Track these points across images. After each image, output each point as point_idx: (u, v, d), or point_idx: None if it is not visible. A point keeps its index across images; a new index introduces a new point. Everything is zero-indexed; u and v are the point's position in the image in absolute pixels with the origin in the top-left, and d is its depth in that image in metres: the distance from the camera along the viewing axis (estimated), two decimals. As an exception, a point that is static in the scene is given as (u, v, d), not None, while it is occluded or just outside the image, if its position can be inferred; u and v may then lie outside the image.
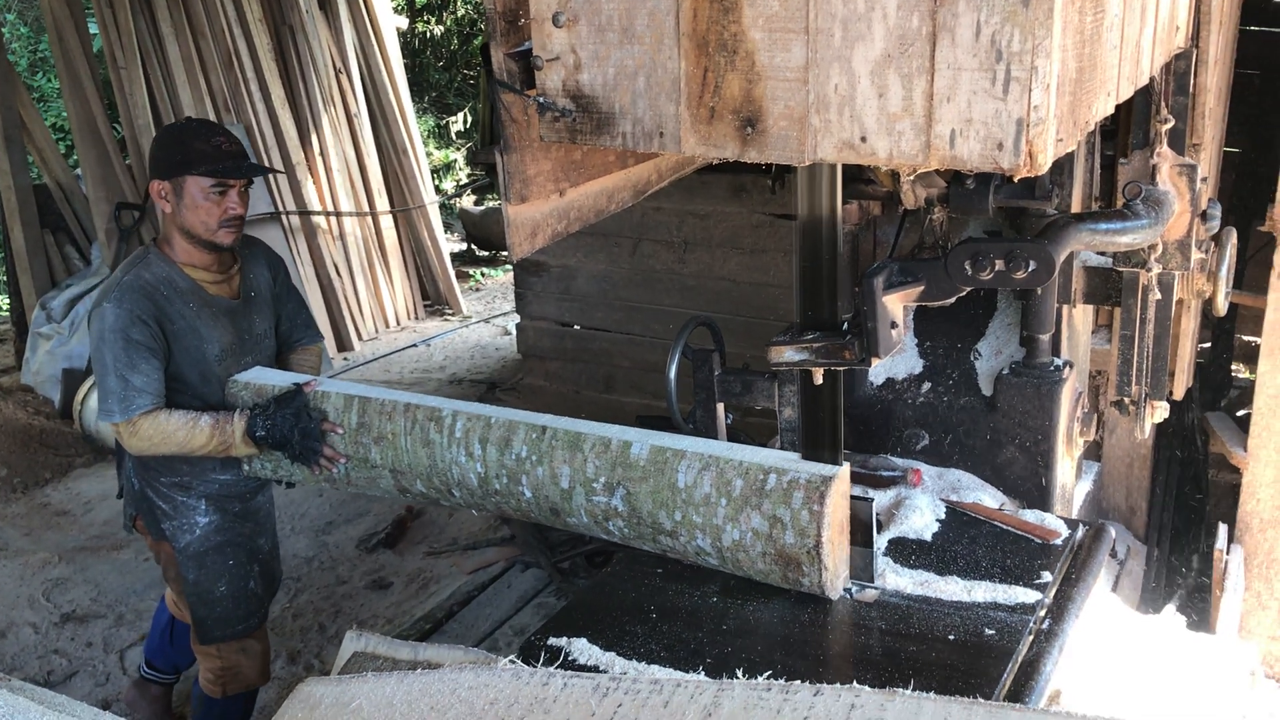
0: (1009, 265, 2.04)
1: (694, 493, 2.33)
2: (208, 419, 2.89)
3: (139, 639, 4.40)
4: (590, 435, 2.49)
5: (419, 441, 2.70)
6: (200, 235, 2.92)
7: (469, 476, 2.64)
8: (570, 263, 5.22)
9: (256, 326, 3.13)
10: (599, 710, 1.75)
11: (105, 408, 2.86)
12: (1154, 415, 2.78)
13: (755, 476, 2.28)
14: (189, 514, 3.10)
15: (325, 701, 1.98)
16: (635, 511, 2.42)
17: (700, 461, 2.35)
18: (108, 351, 2.82)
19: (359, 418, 2.80)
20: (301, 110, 7.61)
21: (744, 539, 2.29)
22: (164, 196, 2.90)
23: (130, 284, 2.88)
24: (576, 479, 2.48)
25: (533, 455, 2.54)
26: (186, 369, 2.96)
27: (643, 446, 2.42)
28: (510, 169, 1.86)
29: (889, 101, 1.52)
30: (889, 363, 2.77)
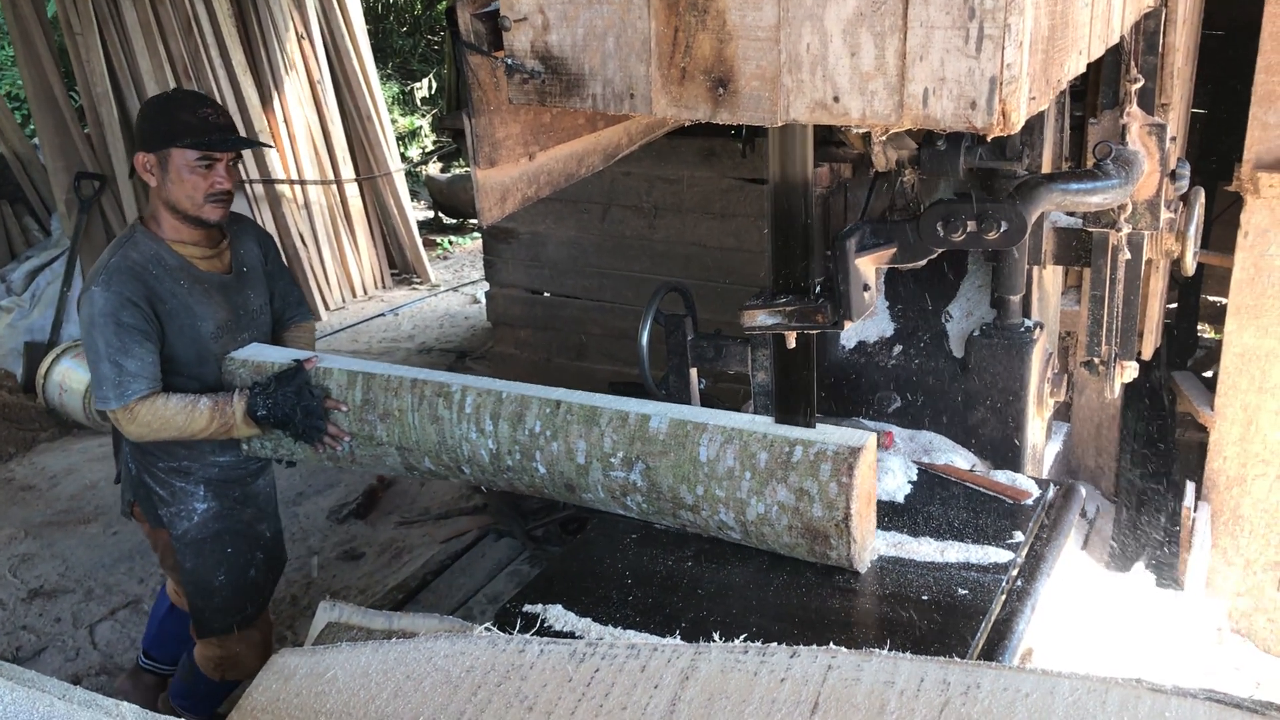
0: (981, 226, 2.04)
1: (716, 466, 2.30)
2: (207, 401, 2.82)
3: (108, 613, 4.37)
4: (607, 409, 2.45)
5: (427, 418, 2.65)
6: (186, 210, 2.82)
7: (480, 453, 2.59)
8: (540, 229, 5.19)
9: (251, 302, 3.04)
10: (576, 676, 1.75)
11: (100, 394, 2.79)
12: (1123, 375, 2.79)
13: (780, 449, 2.24)
14: (187, 500, 3.02)
15: (300, 672, 1.96)
16: (655, 486, 2.38)
17: (723, 434, 2.31)
18: (99, 337, 2.74)
19: (363, 394, 2.74)
20: (264, 77, 7.49)
21: (769, 513, 2.26)
22: (149, 170, 2.81)
23: (118, 266, 2.78)
24: (593, 454, 2.44)
25: (547, 430, 2.49)
26: (181, 349, 2.88)
27: (662, 420, 2.38)
28: (478, 132, 1.83)
29: (861, 60, 1.51)
30: (861, 326, 2.77)
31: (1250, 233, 3.42)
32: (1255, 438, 3.58)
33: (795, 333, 2.22)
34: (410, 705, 1.78)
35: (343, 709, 1.83)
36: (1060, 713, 1.47)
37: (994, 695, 1.52)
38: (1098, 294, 2.65)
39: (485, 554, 4.56)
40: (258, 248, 3.12)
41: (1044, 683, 1.52)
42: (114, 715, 1.47)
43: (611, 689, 1.70)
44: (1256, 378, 3.52)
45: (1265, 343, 3.47)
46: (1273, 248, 3.38)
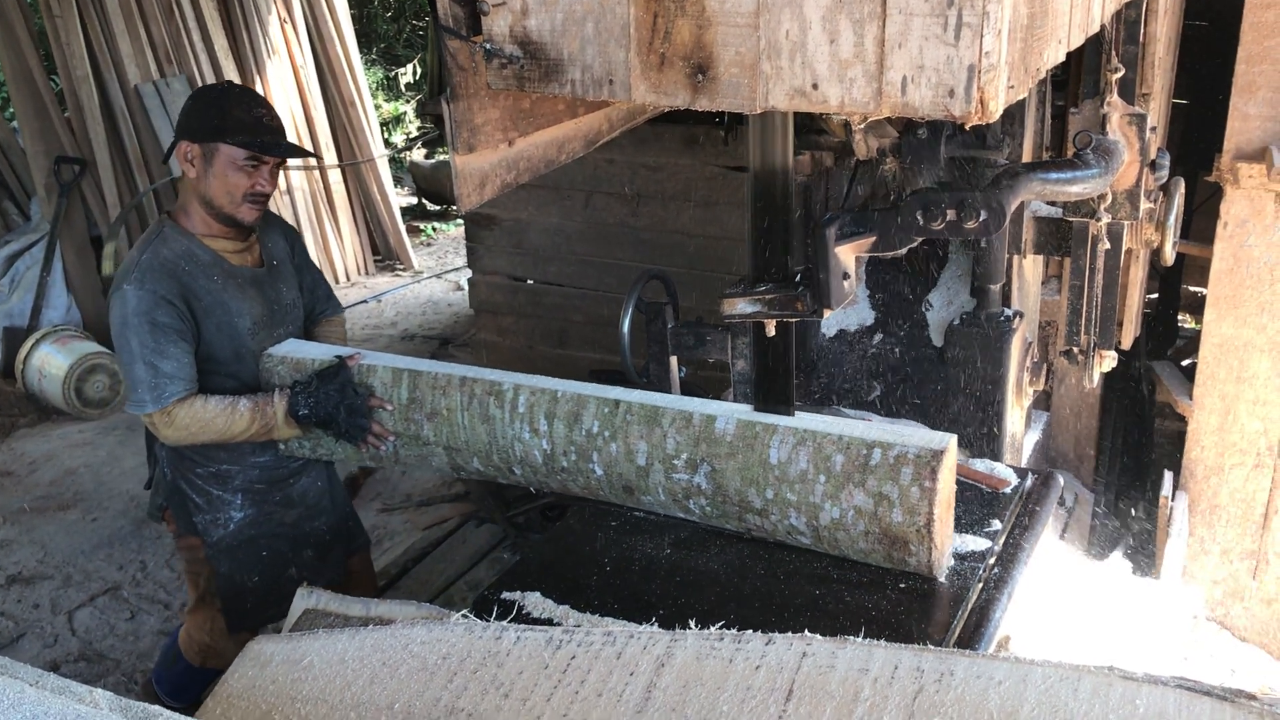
0: (960, 215, 2.03)
1: (788, 469, 2.22)
2: (246, 401, 2.74)
3: (87, 600, 4.36)
4: (669, 409, 2.37)
5: (477, 417, 2.56)
6: (222, 206, 2.74)
7: (533, 454, 2.51)
8: (522, 216, 5.17)
9: (285, 296, 2.96)
10: (552, 663, 1.75)
11: (135, 398, 2.69)
12: (1102, 365, 2.81)
13: (857, 451, 2.17)
14: (223, 508, 2.94)
15: (276, 659, 1.96)
16: (721, 490, 2.31)
17: (794, 436, 2.23)
18: (133, 338, 2.64)
19: (409, 392, 2.66)
20: (246, 62, 7.44)
21: (844, 518, 2.19)
22: (190, 160, 2.72)
23: (149, 263, 2.69)
24: (655, 455, 2.36)
25: (605, 431, 2.40)
26: (219, 347, 2.79)
27: (728, 421, 2.30)
28: (457, 118, 1.82)
29: (840, 48, 1.50)
30: (841, 314, 2.77)
31: (1229, 223, 3.43)
32: (1233, 427, 3.61)
33: (775, 321, 2.22)
34: (386, 692, 1.78)
35: (319, 695, 1.82)
36: (1032, 700, 1.47)
37: (967, 683, 1.52)
38: (1077, 283, 2.65)
39: (466, 541, 4.56)
40: (284, 241, 3.04)
41: (1017, 670, 1.52)
42: (87, 702, 1.47)
43: (588, 675, 1.71)
44: (1235, 368, 3.54)
45: (1243, 333, 3.49)
46: (1252, 238, 3.39)
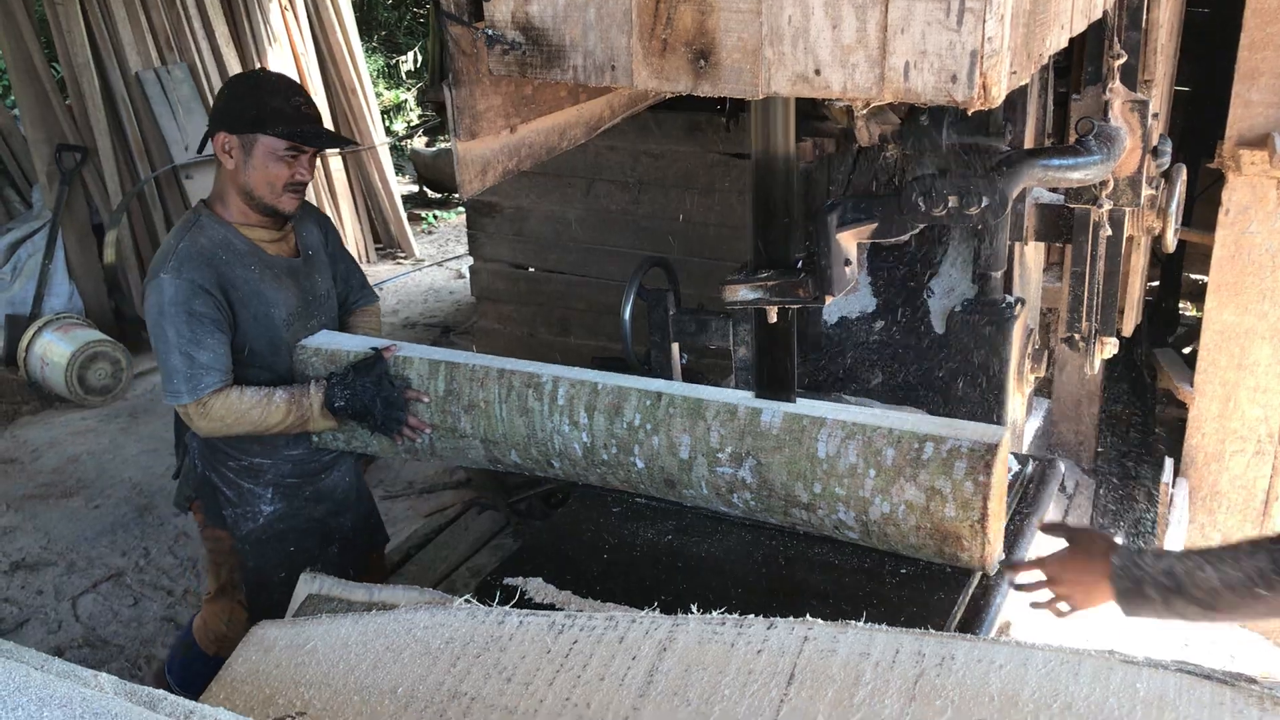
0: (962, 201, 2.04)
1: (837, 463, 2.18)
2: (282, 393, 2.70)
3: (91, 586, 4.37)
4: (713, 402, 2.33)
5: (515, 410, 2.52)
6: (263, 197, 2.71)
7: (573, 446, 2.47)
8: (523, 204, 5.17)
9: (319, 286, 2.92)
10: (554, 647, 1.76)
11: (171, 388, 2.66)
12: (1103, 352, 2.81)
13: (909, 445, 2.13)
14: (254, 502, 2.91)
15: (280, 644, 1.97)
16: (766, 484, 2.26)
17: (843, 429, 2.19)
18: (169, 327, 2.61)
19: (446, 384, 2.62)
20: (247, 49, 7.42)
21: (895, 512, 2.14)
22: (228, 151, 2.68)
23: (186, 251, 2.65)
24: (698, 449, 2.31)
25: (647, 423, 2.36)
26: (255, 338, 2.75)
27: (775, 414, 2.26)
28: (459, 104, 1.82)
29: (843, 33, 1.51)
30: (843, 301, 2.77)
31: (1231, 210, 3.43)
32: (1234, 414, 3.61)
33: (777, 308, 2.23)
34: (389, 676, 1.79)
35: (322, 680, 1.83)
36: (1033, 684, 1.48)
37: (968, 667, 1.53)
38: (1079, 270, 2.65)
39: (468, 528, 4.57)
40: (318, 230, 3.01)
41: (1018, 654, 1.53)
42: (92, 686, 1.47)
43: (590, 660, 1.71)
44: (1236, 355, 3.54)
45: (1245, 320, 3.49)
46: (1254, 225, 3.39)
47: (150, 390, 6.28)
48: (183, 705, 1.46)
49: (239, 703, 1.83)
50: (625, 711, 1.61)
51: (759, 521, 2.47)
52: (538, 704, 1.66)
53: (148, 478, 5.25)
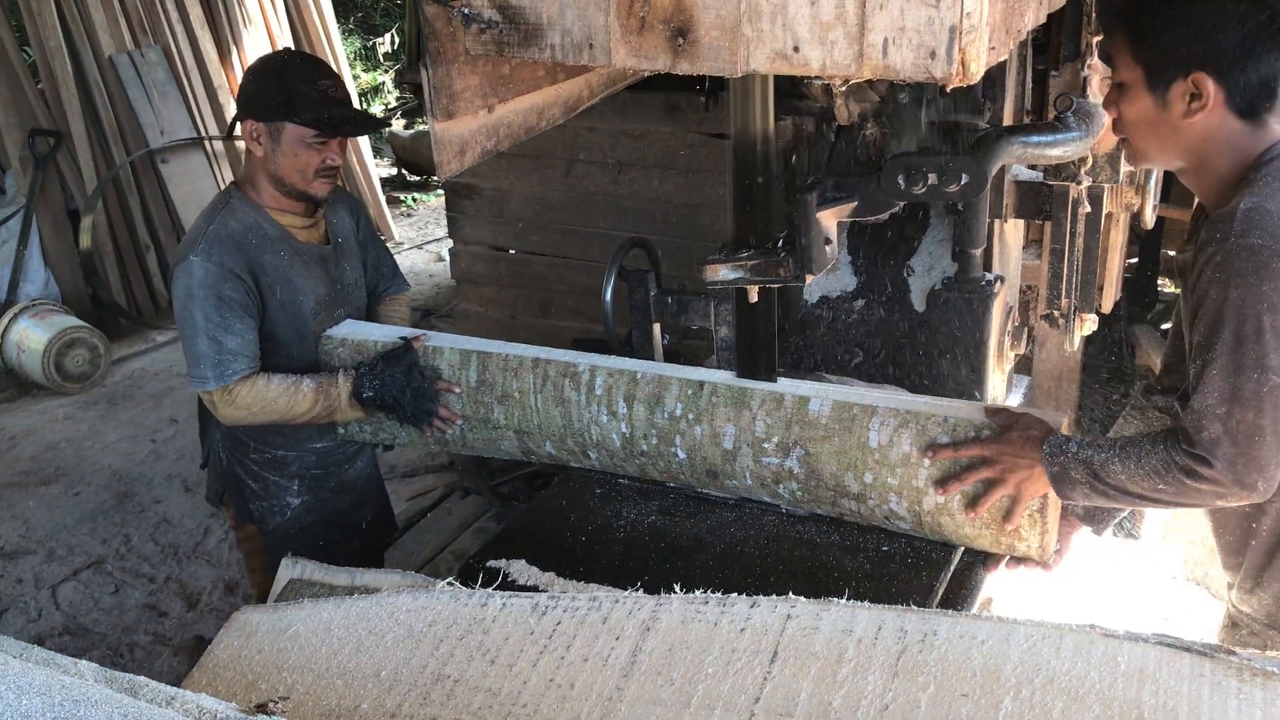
0: (941, 179, 2.03)
1: (889, 452, 2.13)
2: (310, 382, 2.65)
3: (71, 574, 4.35)
4: (758, 390, 2.28)
5: (551, 400, 2.46)
6: (294, 184, 2.66)
7: (611, 437, 2.41)
8: (503, 185, 5.14)
9: (348, 275, 2.87)
10: (538, 629, 1.75)
11: (197, 374, 2.60)
12: (1083, 328, 2.82)
13: (964, 433, 2.08)
14: (280, 494, 2.87)
15: (262, 629, 1.96)
16: (814, 474, 2.21)
17: (895, 418, 2.14)
18: (197, 310, 2.55)
19: (479, 374, 2.56)
20: (222, 32, 7.36)
21: (950, 502, 2.10)
22: (256, 139, 2.63)
23: (217, 234, 2.60)
24: (743, 439, 2.26)
25: (689, 413, 2.31)
26: (281, 325, 2.70)
27: (823, 403, 2.21)
28: (436, 84, 1.80)
29: (821, 9, 1.50)
30: (823, 280, 2.77)
31: (1209, 186, 3.43)
32: (1212, 390, 3.62)
33: (757, 287, 2.22)
34: (372, 660, 1.79)
35: (305, 664, 1.83)
36: (1015, 659, 1.49)
37: (950, 642, 1.54)
38: (1058, 247, 2.66)
39: (451, 511, 4.57)
40: (349, 216, 2.95)
41: (1000, 629, 1.54)
42: (72, 673, 1.46)
43: (573, 641, 1.71)
44: (1214, 330, 3.55)
45: (1223, 296, 3.50)
46: (1231, 201, 3.39)
47: (129, 376, 6.25)
48: (164, 691, 1.45)
49: (221, 688, 1.82)
50: (609, 692, 1.61)
51: (742, 501, 2.47)
52: (521, 685, 1.66)
53: (127, 464, 5.22)
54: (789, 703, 1.52)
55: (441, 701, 1.68)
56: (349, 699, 1.73)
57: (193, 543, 4.56)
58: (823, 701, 1.50)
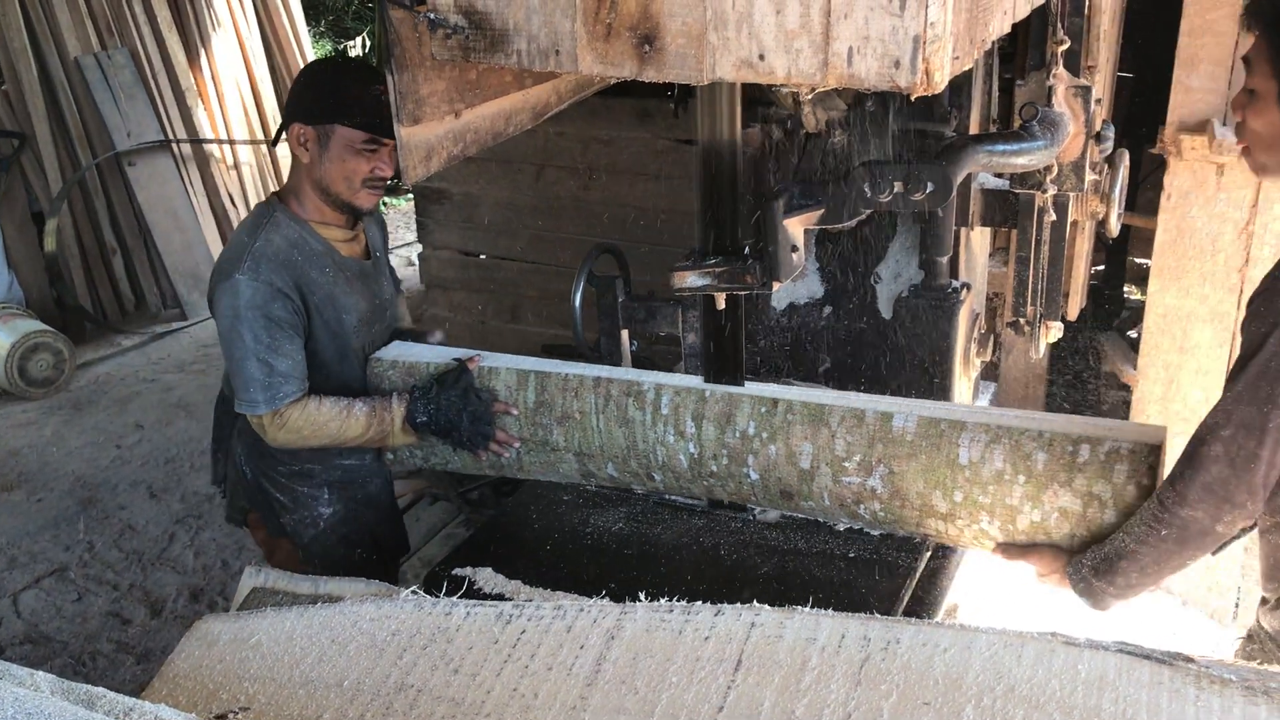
0: (907, 187, 2.05)
1: (981, 469, 2.04)
2: (362, 406, 2.55)
3: (33, 582, 4.30)
4: (837, 407, 2.19)
5: (614, 420, 2.37)
6: (339, 193, 2.55)
7: (678, 458, 2.33)
8: (473, 190, 5.12)
9: (385, 290, 2.78)
10: (502, 638, 1.74)
11: (248, 398, 2.48)
12: (1048, 336, 2.83)
13: (1062, 448, 1.99)
14: (311, 506, 2.75)
15: (224, 638, 1.94)
16: (899, 493, 2.13)
17: (987, 433, 2.05)
18: (246, 332, 2.44)
19: (537, 395, 2.46)
20: (190, 34, 7.30)
21: (1046, 520, 2.02)
22: (304, 144, 2.51)
23: (263, 251, 2.48)
24: (821, 458, 2.18)
25: (763, 432, 2.23)
26: (324, 345, 2.59)
27: (907, 418, 2.12)
28: (401, 89, 1.80)
29: (787, 18, 1.50)
30: (791, 287, 2.78)
31: (1173, 195, 3.48)
32: (1176, 397, 3.66)
33: (725, 294, 2.23)
34: (335, 669, 1.77)
35: (267, 674, 1.81)
36: (977, 667, 1.49)
37: (913, 650, 1.54)
38: (1024, 255, 2.67)
39: (420, 518, 4.54)
40: (378, 230, 2.87)
41: (962, 637, 1.54)
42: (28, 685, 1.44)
43: (538, 650, 1.71)
44: (1178, 338, 3.60)
45: (1186, 304, 3.54)
46: (1194, 210, 3.44)
47: (94, 381, 6.18)
48: (121, 703, 1.43)
49: (181, 699, 1.80)
50: (573, 701, 1.61)
51: (710, 507, 2.47)
52: (485, 695, 1.65)
53: (91, 470, 5.16)
54: (752, 712, 1.51)
55: (404, 711, 1.66)
56: (311, 709, 1.72)
57: (158, 549, 4.52)
58: (786, 710, 1.50)
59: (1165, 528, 1.83)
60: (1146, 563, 1.87)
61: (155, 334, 6.81)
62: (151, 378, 6.22)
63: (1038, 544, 2.05)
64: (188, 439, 5.40)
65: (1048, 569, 2.03)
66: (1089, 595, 1.96)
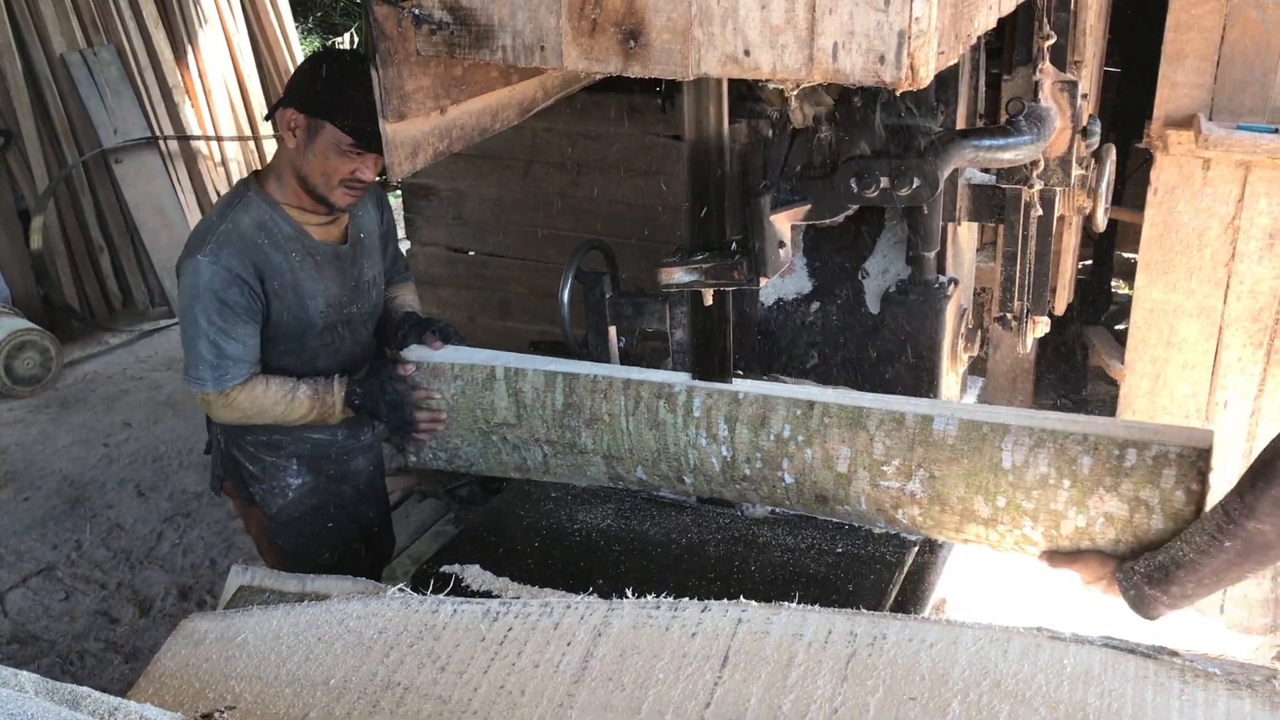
0: (894, 182, 2.05)
1: (1024, 474, 2.01)
2: (306, 389, 2.61)
3: (20, 581, 4.28)
4: (875, 409, 2.15)
5: (645, 423, 2.34)
6: (315, 186, 2.54)
7: (710, 461, 2.30)
8: (460, 186, 5.11)
9: (366, 272, 2.78)
10: (489, 635, 1.74)
11: (195, 375, 2.54)
12: (1036, 330, 2.84)
13: (1108, 452, 1.95)
14: (279, 475, 2.79)
15: (210, 637, 1.94)
16: (939, 498, 2.09)
17: (1030, 437, 2.01)
18: (200, 314, 2.48)
19: (565, 397, 2.42)
20: (177, 30, 7.26)
21: (1091, 526, 1.99)
22: (292, 130, 2.50)
23: (227, 234, 2.50)
24: (859, 461, 2.15)
25: (799, 435, 2.19)
26: (285, 326, 2.62)
27: (948, 421, 2.08)
28: (387, 85, 1.78)
29: (772, 13, 1.50)
30: (779, 282, 2.78)
31: (1159, 189, 3.49)
32: (1163, 391, 3.68)
33: (712, 290, 2.22)
34: (322, 668, 1.77)
35: (253, 673, 1.81)
36: (963, 662, 1.50)
37: (899, 646, 1.54)
38: (1011, 250, 2.68)
39: (409, 515, 4.54)
40: (374, 210, 2.86)
41: (948, 633, 1.55)
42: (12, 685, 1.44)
43: (525, 647, 1.70)
44: (1165, 332, 3.61)
45: (1173, 298, 3.56)
46: (1180, 204, 3.45)
47: (81, 379, 6.15)
48: (107, 702, 1.43)
49: (167, 698, 1.79)
50: (560, 698, 1.60)
51: (697, 503, 2.47)
52: (472, 693, 1.65)
53: (78, 469, 5.14)
54: (739, 708, 1.51)
55: (391, 709, 1.66)
56: (297, 707, 1.71)
57: (146, 548, 4.50)
58: (772, 706, 1.50)
59: (1229, 539, 1.76)
60: (1205, 574, 1.82)
61: (143, 332, 6.78)
62: (139, 376, 6.19)
63: (1083, 550, 2.01)
64: (176, 437, 5.38)
65: (1094, 576, 1.99)
66: (1140, 604, 1.92)
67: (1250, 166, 3.31)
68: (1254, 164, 3.30)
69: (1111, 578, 1.96)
